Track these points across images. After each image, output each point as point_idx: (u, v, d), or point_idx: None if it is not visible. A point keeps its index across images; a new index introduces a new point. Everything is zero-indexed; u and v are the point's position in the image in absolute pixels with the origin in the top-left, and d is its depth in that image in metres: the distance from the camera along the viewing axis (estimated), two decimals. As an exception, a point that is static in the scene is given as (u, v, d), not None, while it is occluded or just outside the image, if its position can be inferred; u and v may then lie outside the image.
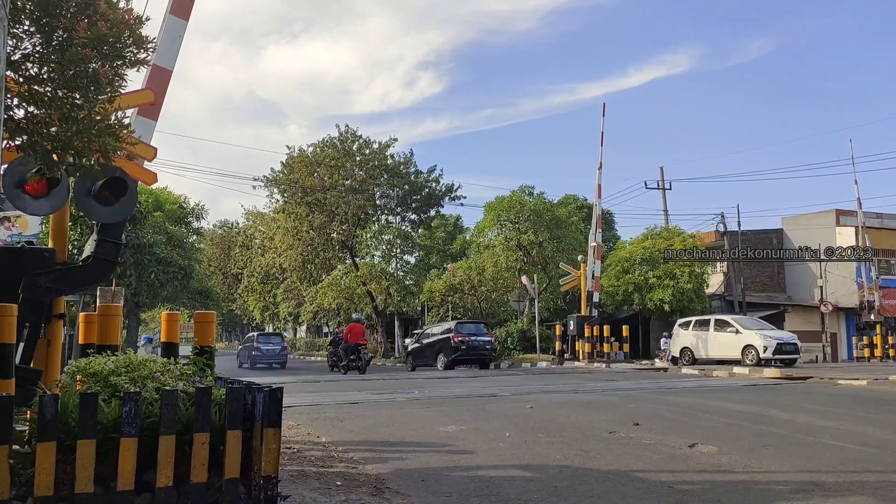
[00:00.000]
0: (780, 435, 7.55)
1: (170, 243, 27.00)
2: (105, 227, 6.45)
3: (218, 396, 4.03)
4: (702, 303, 30.93)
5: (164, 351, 5.95)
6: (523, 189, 34.26)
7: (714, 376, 17.70)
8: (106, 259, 6.43)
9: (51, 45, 4.78)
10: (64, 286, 6.24)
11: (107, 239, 6.45)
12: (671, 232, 32.69)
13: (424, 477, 5.67)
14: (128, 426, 3.61)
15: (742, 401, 10.80)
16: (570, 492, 5.15)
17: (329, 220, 36.50)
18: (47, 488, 3.44)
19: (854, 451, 6.63)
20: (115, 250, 6.54)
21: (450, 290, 32.16)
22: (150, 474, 3.70)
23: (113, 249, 6.49)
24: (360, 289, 35.79)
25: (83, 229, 22.65)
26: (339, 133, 36.16)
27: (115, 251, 6.54)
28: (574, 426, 8.23)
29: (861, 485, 5.28)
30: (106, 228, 6.46)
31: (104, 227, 6.45)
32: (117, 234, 6.59)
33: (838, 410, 9.57)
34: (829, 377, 16.12)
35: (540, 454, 6.58)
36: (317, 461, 6.23)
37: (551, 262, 30.73)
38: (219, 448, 3.89)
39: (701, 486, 5.29)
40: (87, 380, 4.17)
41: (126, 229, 23.51)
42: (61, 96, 4.79)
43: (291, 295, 46.34)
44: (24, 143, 5.04)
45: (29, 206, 6.14)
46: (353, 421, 9.00)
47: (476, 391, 13.08)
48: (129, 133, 5.50)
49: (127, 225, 23.04)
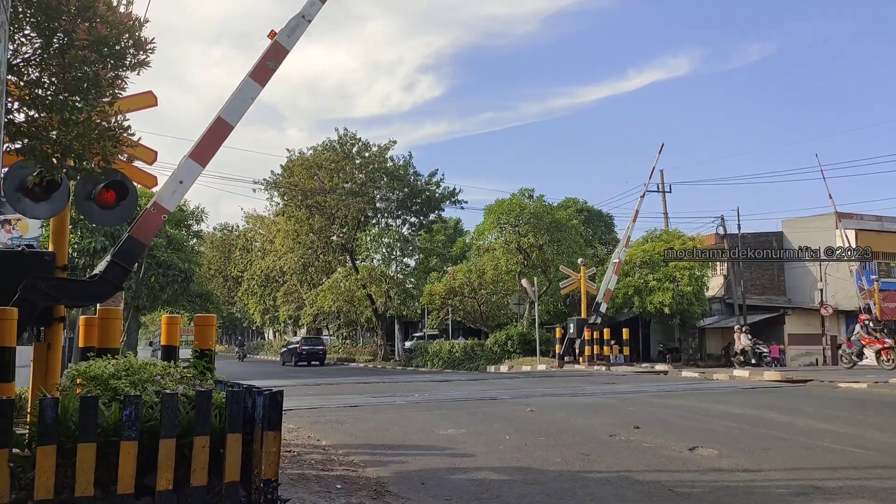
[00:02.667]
0: (780, 438, 7.54)
1: (170, 246, 26.94)
2: (121, 252, 6.50)
3: (218, 400, 4.03)
4: (702, 306, 30.89)
5: (165, 354, 5.96)
6: (523, 192, 34.18)
7: (714, 379, 17.69)
8: (111, 281, 6.44)
9: (51, 48, 4.79)
10: (61, 296, 6.21)
11: (119, 263, 6.50)
12: (671, 235, 32.67)
13: (425, 480, 5.67)
14: (128, 430, 3.61)
15: (742, 404, 10.79)
16: (570, 495, 5.15)
17: (329, 223, 36.51)
18: (47, 492, 3.44)
19: (854, 455, 6.63)
20: (123, 275, 6.58)
21: (450, 293, 32.13)
22: (151, 478, 3.69)
23: (121, 274, 6.53)
24: (360, 292, 35.78)
25: (83, 233, 22.65)
26: (339, 136, 36.21)
27: (123, 276, 6.59)
28: (574, 429, 8.23)
29: (861, 488, 5.28)
30: (122, 253, 6.49)
31: (120, 252, 6.49)
32: (131, 260, 6.64)
33: (838, 414, 9.56)
34: (829, 380, 16.11)
35: (540, 457, 6.58)
36: (317, 464, 6.23)
37: (551, 266, 30.71)
38: (219, 451, 3.89)
39: (701, 490, 5.28)
40: (87, 383, 4.17)
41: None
42: (62, 100, 4.79)
43: (291, 298, 46.31)
44: (25, 147, 5.04)
45: (29, 209, 6.16)
46: (353, 424, 9.00)
47: (476, 394, 13.08)
48: (129, 136, 5.50)
49: (126, 227, 23.11)
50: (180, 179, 7.10)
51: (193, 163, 7.18)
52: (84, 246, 22.71)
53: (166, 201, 6.93)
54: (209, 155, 7.32)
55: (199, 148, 7.24)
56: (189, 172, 7.15)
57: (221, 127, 7.37)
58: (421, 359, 31.86)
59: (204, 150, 7.27)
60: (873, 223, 35.43)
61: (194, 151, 7.20)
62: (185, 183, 7.10)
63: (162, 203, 6.89)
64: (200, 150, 7.26)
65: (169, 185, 7.08)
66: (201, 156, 7.25)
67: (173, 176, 7.17)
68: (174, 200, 7.07)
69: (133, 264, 6.79)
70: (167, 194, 6.99)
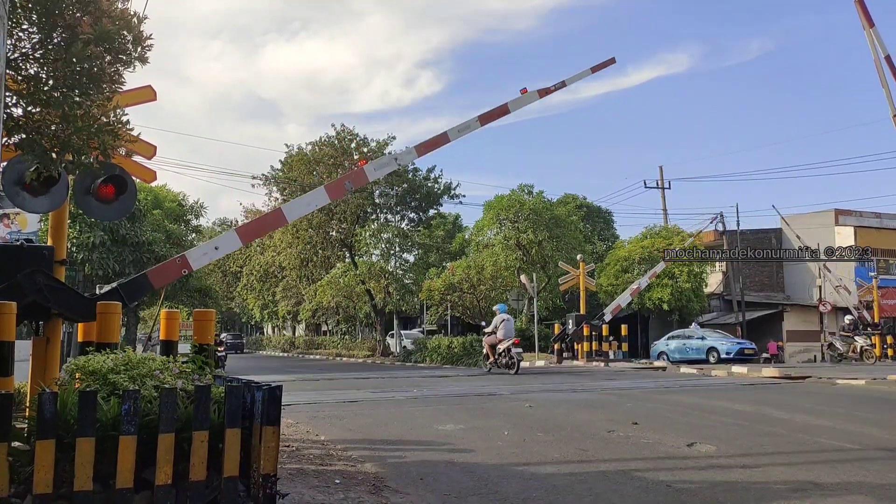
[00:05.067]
0: (778, 434, 7.56)
1: (169, 241, 26.91)
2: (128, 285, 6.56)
3: (217, 394, 4.02)
4: (700, 302, 30.93)
5: (163, 349, 5.96)
6: (522, 188, 34.17)
7: (713, 375, 17.70)
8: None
9: (51, 43, 4.77)
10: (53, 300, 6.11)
11: (122, 294, 6.54)
12: (670, 231, 32.70)
13: (423, 475, 5.68)
14: (127, 424, 3.60)
15: (740, 400, 10.80)
16: (568, 491, 5.16)
17: (328, 218, 36.46)
18: (46, 486, 3.44)
19: (852, 451, 6.64)
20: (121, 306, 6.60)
21: (449, 288, 32.13)
22: (149, 472, 3.70)
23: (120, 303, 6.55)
24: (359, 287, 35.76)
25: (82, 227, 22.61)
26: (336, 132, 36.13)
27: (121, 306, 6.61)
28: (573, 425, 8.24)
29: (859, 485, 5.29)
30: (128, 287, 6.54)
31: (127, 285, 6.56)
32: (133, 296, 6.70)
33: (836, 410, 9.58)
34: (827, 377, 16.13)
35: (538, 453, 6.59)
36: (315, 459, 6.24)
37: (550, 261, 30.71)
38: (218, 446, 3.89)
39: (699, 485, 5.29)
40: (86, 378, 4.17)
41: (125, 226, 23.58)
42: (61, 95, 4.78)
43: (290, 293, 46.28)
44: (23, 141, 5.03)
45: (28, 203, 6.15)
46: (351, 419, 9.01)
47: (474, 390, 13.09)
48: (128, 130, 5.49)
49: (125, 222, 23.05)
50: (216, 246, 7.20)
51: (236, 237, 7.35)
52: (83, 241, 22.69)
53: (194, 260, 6.93)
54: (252, 237, 7.60)
55: (248, 227, 7.60)
56: (228, 244, 7.33)
57: (277, 218, 7.66)
58: (419, 354, 31.88)
59: (251, 231, 7.63)
60: (872, 220, 35.47)
61: (243, 229, 7.51)
62: (219, 250, 7.25)
63: (189, 260, 6.88)
64: (249, 229, 7.60)
65: (204, 246, 7.19)
66: (246, 235, 7.54)
67: (212, 241, 7.37)
68: (201, 262, 7.10)
69: (134, 301, 6.88)
70: (198, 254, 7.02)
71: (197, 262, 6.94)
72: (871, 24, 14.46)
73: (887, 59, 14.42)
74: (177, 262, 6.85)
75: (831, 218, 35.34)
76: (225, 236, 7.32)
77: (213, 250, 7.11)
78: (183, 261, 6.85)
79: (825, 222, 35.02)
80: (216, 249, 7.14)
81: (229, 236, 7.30)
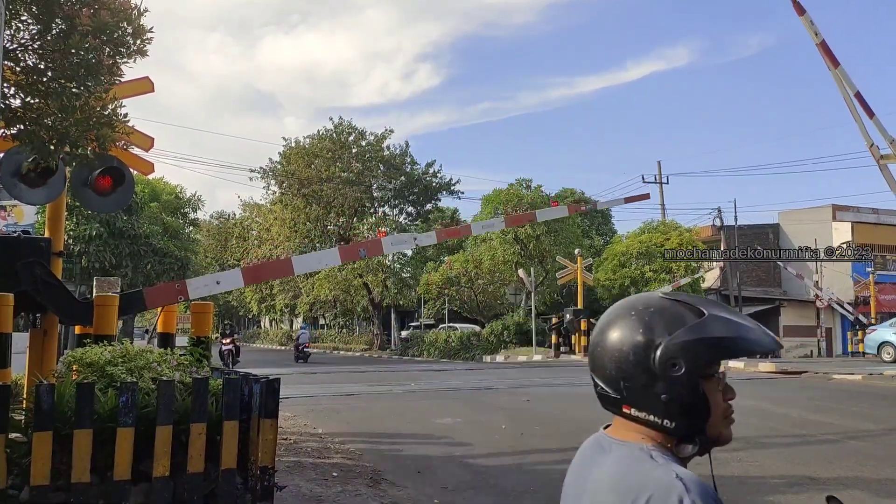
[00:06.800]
0: (775, 429, 7.58)
1: (166, 234, 26.84)
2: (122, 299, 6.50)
3: (215, 387, 4.02)
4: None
5: (161, 341, 5.96)
6: (521, 182, 34.13)
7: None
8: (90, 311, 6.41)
9: (49, 34, 4.74)
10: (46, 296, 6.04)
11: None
12: (668, 226, 32.70)
13: (421, 468, 5.68)
14: (124, 416, 3.60)
15: (737, 394, 10.81)
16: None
17: (326, 211, 36.43)
18: (44, 477, 3.44)
19: (848, 446, 6.66)
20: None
21: (446, 282, 32.16)
22: (147, 464, 3.69)
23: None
24: (357, 281, 35.77)
25: (79, 219, 22.55)
26: (334, 125, 36.08)
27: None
28: (570, 419, 8.25)
29: (855, 479, 5.31)
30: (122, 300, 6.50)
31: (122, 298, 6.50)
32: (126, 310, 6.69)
33: (833, 405, 9.60)
34: (823, 372, 16.16)
35: (535, 447, 6.60)
36: (314, 452, 6.24)
37: (548, 256, 30.72)
38: (215, 438, 3.89)
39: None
40: (83, 370, 4.16)
41: (122, 219, 23.54)
42: (59, 86, 4.75)
43: (288, 287, 46.26)
44: (21, 133, 5.01)
45: (25, 195, 6.12)
46: (349, 412, 9.01)
47: (472, 384, 13.10)
48: (125, 122, 5.47)
49: (122, 214, 23.02)
50: (218, 281, 7.22)
51: (240, 276, 7.43)
52: (80, 233, 22.63)
53: (193, 289, 6.85)
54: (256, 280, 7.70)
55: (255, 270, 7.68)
56: (231, 281, 7.39)
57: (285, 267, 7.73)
58: (417, 348, 31.91)
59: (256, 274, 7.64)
60: (870, 216, 35.48)
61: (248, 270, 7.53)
62: (220, 285, 7.27)
63: (188, 288, 6.83)
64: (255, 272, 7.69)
65: (205, 279, 7.20)
66: (251, 276, 7.63)
67: (216, 275, 7.41)
68: (200, 292, 7.00)
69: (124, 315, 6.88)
70: (198, 284, 6.98)
71: (195, 293, 6.88)
72: (837, 64, 14.75)
73: (857, 96, 14.70)
74: (175, 287, 6.83)
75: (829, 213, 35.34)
76: (228, 273, 7.45)
77: (214, 284, 7.11)
78: (182, 287, 6.82)
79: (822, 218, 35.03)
80: (217, 284, 7.15)
81: (233, 274, 7.43)
